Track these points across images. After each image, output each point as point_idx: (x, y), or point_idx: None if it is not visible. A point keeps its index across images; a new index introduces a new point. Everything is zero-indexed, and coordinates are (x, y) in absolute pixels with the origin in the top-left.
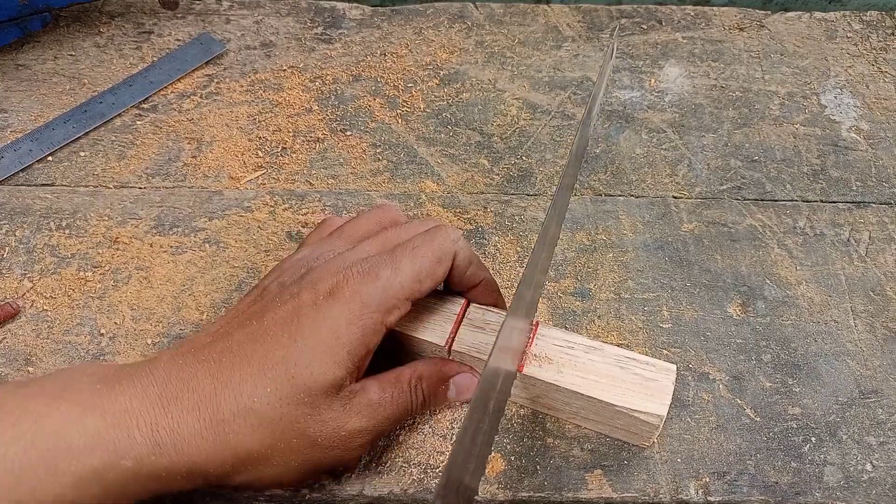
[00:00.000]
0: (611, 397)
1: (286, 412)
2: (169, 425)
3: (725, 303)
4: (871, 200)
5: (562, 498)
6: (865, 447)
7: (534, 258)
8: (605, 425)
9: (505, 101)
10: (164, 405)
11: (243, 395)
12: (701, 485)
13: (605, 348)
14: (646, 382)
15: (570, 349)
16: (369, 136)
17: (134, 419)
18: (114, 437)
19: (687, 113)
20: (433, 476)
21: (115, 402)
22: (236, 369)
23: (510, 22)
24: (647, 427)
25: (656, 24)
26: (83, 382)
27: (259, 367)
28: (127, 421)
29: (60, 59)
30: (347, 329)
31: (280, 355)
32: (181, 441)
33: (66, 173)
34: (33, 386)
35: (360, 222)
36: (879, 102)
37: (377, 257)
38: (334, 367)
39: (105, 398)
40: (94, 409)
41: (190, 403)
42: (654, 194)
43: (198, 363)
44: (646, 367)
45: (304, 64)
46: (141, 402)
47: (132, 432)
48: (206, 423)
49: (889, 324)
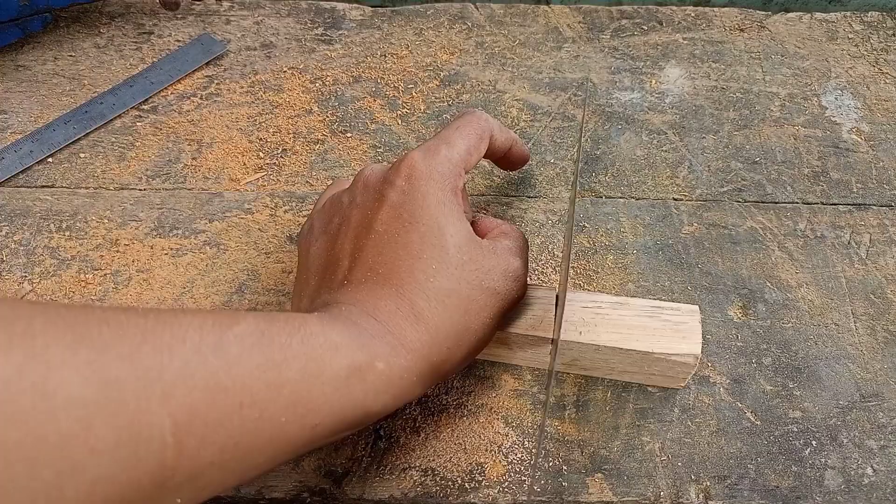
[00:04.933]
0: (648, 346)
1: (459, 275)
2: (388, 331)
3: (726, 305)
4: (872, 202)
5: (562, 501)
6: (866, 451)
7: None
8: (641, 374)
9: (505, 103)
10: (374, 316)
11: (420, 282)
12: (701, 489)
13: (630, 301)
14: (676, 326)
15: (599, 308)
16: (370, 138)
17: (363, 328)
18: (362, 341)
19: (687, 114)
20: (434, 479)
21: (339, 316)
22: (398, 272)
23: (510, 23)
24: (684, 368)
25: (657, 24)
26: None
27: (409, 257)
28: (361, 330)
29: (60, 59)
30: (442, 196)
31: (415, 239)
32: (405, 340)
33: (67, 175)
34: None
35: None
36: (880, 104)
37: (429, 142)
38: (459, 221)
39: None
40: (334, 322)
41: (391, 310)
42: (655, 196)
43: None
44: (673, 313)
45: (305, 65)
46: (358, 317)
47: (371, 339)
48: (413, 317)
49: (890, 327)
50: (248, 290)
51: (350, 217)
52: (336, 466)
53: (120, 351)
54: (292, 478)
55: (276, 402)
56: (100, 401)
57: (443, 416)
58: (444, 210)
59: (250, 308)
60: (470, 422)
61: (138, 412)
